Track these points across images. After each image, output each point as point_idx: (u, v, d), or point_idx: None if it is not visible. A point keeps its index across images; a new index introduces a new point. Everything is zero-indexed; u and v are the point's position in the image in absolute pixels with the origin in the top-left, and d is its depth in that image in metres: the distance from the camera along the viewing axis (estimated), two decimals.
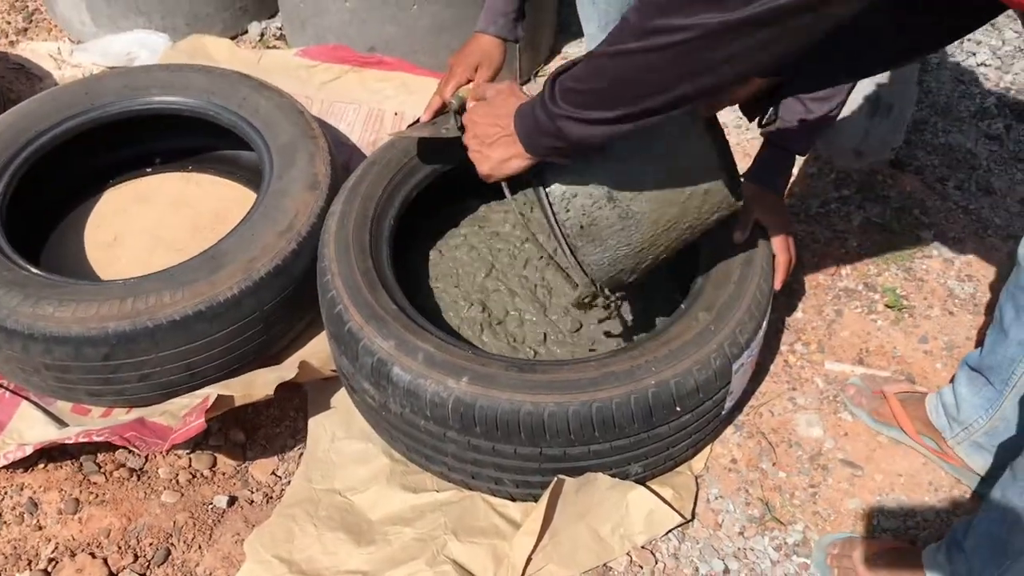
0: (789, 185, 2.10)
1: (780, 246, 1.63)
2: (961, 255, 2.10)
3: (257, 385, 1.70)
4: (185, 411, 1.66)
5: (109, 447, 1.77)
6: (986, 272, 2.06)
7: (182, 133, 2.27)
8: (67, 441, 1.66)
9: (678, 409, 1.52)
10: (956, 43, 2.62)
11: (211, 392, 1.64)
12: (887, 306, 2.01)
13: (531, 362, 1.54)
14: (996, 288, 2.02)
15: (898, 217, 2.18)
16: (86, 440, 1.63)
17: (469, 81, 1.77)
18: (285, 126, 2.02)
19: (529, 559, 1.57)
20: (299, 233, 1.82)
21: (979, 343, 1.91)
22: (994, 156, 2.31)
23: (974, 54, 2.57)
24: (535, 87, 2.67)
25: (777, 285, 1.61)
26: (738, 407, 1.84)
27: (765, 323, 1.64)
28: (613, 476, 1.60)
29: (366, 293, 1.62)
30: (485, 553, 1.59)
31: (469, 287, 1.89)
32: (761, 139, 1.73)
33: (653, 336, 1.58)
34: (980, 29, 2.63)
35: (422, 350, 1.52)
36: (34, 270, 1.77)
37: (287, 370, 1.74)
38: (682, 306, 1.68)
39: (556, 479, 1.55)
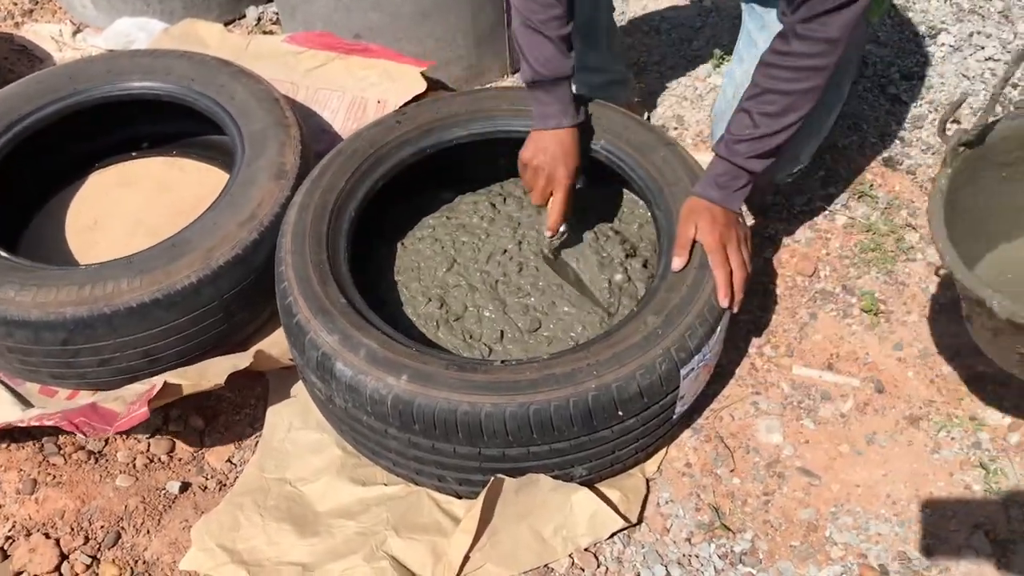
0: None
1: (715, 261, 1.58)
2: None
3: (210, 374, 1.72)
4: (134, 398, 1.68)
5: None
6: None
7: (169, 118, 2.27)
8: (20, 424, 1.69)
9: (620, 414, 1.50)
10: (964, 36, 2.53)
11: (158, 381, 1.65)
12: (863, 310, 1.95)
13: (473, 361, 1.53)
14: None
15: (885, 218, 2.12)
16: (38, 424, 1.66)
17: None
18: (259, 114, 2.02)
19: (467, 557, 1.57)
20: (261, 223, 1.82)
21: (957, 352, 1.85)
22: None
23: (982, 48, 2.47)
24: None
25: (720, 302, 1.57)
26: (697, 410, 1.81)
27: (721, 329, 1.61)
28: (556, 478, 1.59)
29: (316, 286, 1.62)
30: (424, 550, 1.59)
31: (429, 281, 1.88)
32: None
33: (599, 339, 1.56)
34: (992, 22, 2.55)
35: (365, 346, 1.52)
36: (2, 253, 1.80)
37: (242, 359, 1.75)
38: (634, 308, 1.66)
39: (494, 478, 1.54)
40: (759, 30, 1.79)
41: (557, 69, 1.71)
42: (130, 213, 2.18)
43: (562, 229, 1.84)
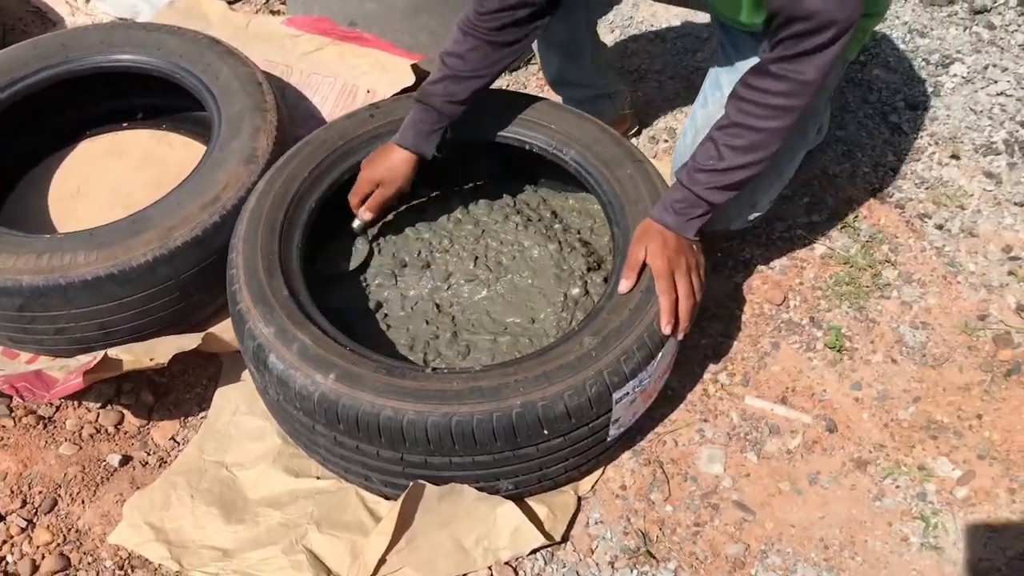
0: None
1: (661, 287, 1.55)
2: (921, 300, 1.97)
3: (156, 352, 1.74)
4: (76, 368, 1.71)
5: None
6: (944, 321, 1.93)
7: (163, 91, 2.29)
8: None
9: (546, 432, 1.49)
10: (979, 68, 2.44)
11: (99, 355, 1.68)
12: (827, 345, 1.91)
13: (403, 367, 1.53)
14: (951, 342, 1.90)
15: (864, 252, 2.06)
16: None
17: (369, 195, 1.83)
18: (239, 96, 2.03)
19: (384, 559, 1.57)
20: (224, 206, 1.83)
21: (917, 399, 1.81)
22: (987, 196, 2.15)
23: (995, 82, 2.39)
24: (524, 75, 2.62)
25: (663, 329, 1.54)
26: (641, 431, 1.79)
27: (663, 355, 1.58)
28: (481, 490, 1.58)
29: (261, 275, 1.63)
30: (343, 547, 1.60)
31: (383, 279, 1.88)
32: None
33: (533, 355, 1.54)
34: (1011, 55, 2.46)
35: (298, 341, 1.53)
36: None
37: (190, 340, 1.77)
38: (574, 327, 1.64)
39: (414, 483, 1.54)
40: (727, 72, 1.74)
41: (426, 95, 1.75)
42: (113, 184, 2.21)
43: (357, 223, 1.88)
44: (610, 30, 2.74)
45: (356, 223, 1.87)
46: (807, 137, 1.81)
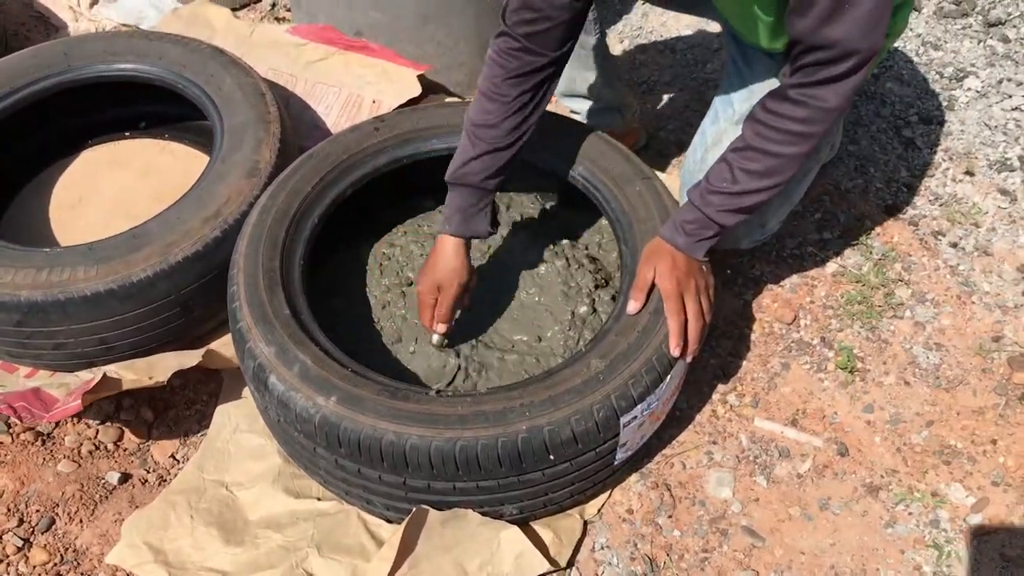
0: None
1: (670, 308, 1.52)
2: (935, 320, 1.94)
3: (156, 369, 1.71)
4: (79, 386, 1.68)
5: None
6: (958, 343, 1.90)
7: (166, 100, 2.27)
8: None
9: (552, 458, 1.46)
10: (993, 82, 2.41)
11: (98, 373, 1.65)
12: (839, 366, 1.87)
13: (406, 389, 1.49)
14: (965, 364, 1.86)
15: (877, 270, 2.03)
16: None
17: (434, 305, 1.69)
18: (243, 107, 2.00)
19: None
20: (226, 220, 1.80)
21: (930, 422, 1.77)
22: (1002, 214, 2.11)
23: (1010, 96, 2.35)
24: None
25: (672, 351, 1.51)
26: (648, 454, 1.75)
27: (672, 378, 1.55)
28: (485, 515, 1.55)
29: (262, 293, 1.60)
30: (344, 571, 1.57)
31: (389, 296, 1.85)
32: None
33: (538, 378, 1.51)
34: None
35: (299, 362, 1.49)
36: None
37: (190, 357, 1.74)
38: (581, 349, 1.61)
39: (417, 508, 1.51)
40: (739, 88, 1.71)
41: (461, 175, 1.64)
42: (114, 194, 2.19)
43: (435, 338, 1.72)
44: (619, 40, 2.71)
45: (434, 339, 1.72)
46: (819, 156, 1.78)
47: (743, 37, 1.64)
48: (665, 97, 2.52)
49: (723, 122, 1.74)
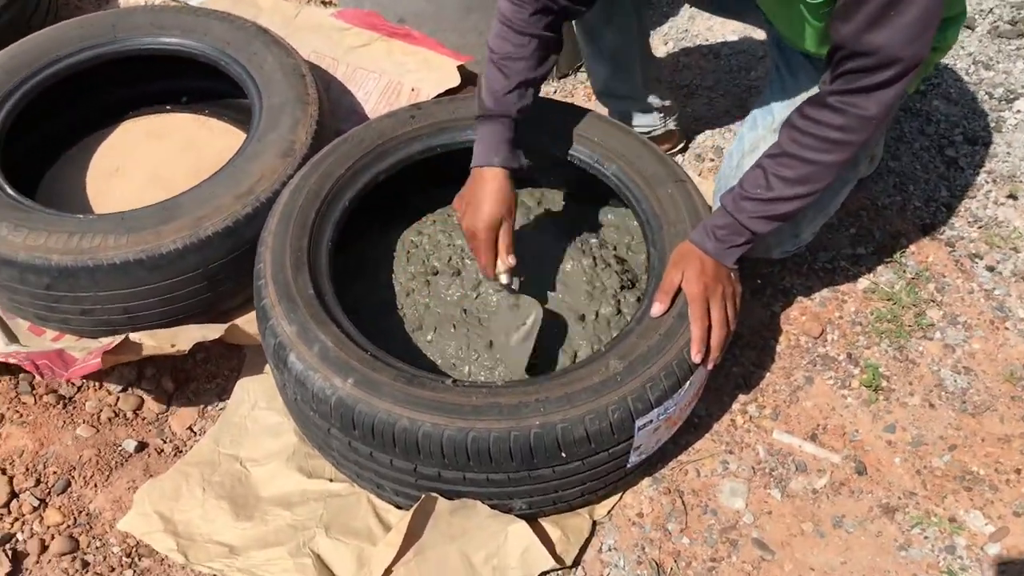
0: None
1: (694, 314, 1.50)
2: (965, 344, 1.90)
3: (179, 339, 1.72)
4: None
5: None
6: (988, 368, 1.86)
7: (210, 77, 2.28)
8: None
9: (563, 455, 1.45)
10: None
11: (121, 337, 1.67)
12: (863, 384, 1.84)
13: (423, 376, 1.49)
14: (993, 390, 1.82)
15: (910, 289, 1.99)
16: (2, 361, 1.70)
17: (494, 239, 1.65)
18: (282, 87, 2.01)
19: (390, 570, 1.54)
20: (258, 198, 1.82)
21: (953, 446, 1.74)
22: None
23: None
24: (572, 82, 2.58)
25: (693, 357, 1.49)
26: (663, 459, 1.74)
27: (691, 384, 1.53)
28: (494, 507, 1.55)
29: (288, 272, 1.61)
30: (350, 554, 1.58)
31: (404, 280, 1.85)
32: None
33: (556, 375, 1.50)
34: None
35: (319, 342, 1.50)
36: (9, 190, 1.84)
37: (213, 330, 1.76)
38: (601, 348, 1.60)
39: (426, 496, 1.51)
40: (780, 96, 1.68)
41: (500, 106, 1.64)
42: (151, 166, 2.21)
43: (504, 276, 1.67)
44: (663, 42, 2.69)
45: (503, 278, 1.67)
46: (857, 168, 1.75)
47: (789, 42, 1.62)
48: (706, 101, 2.49)
49: (761, 129, 1.72)
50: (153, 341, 1.70)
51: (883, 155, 2.22)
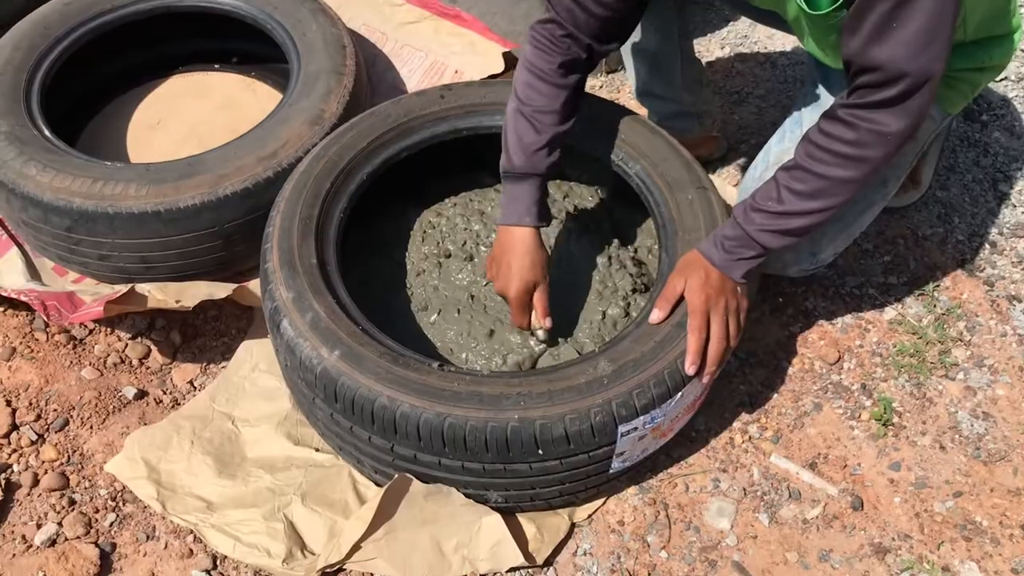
0: None
1: (693, 324, 1.46)
2: (989, 389, 1.81)
3: (186, 295, 1.75)
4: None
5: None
6: (1009, 416, 1.77)
7: (260, 40, 2.31)
8: (3, 294, 1.78)
9: (540, 452, 1.43)
10: None
11: (127, 287, 1.70)
12: (873, 417, 1.77)
13: (407, 356, 1.48)
14: (1011, 440, 1.74)
15: (937, 325, 1.91)
16: (15, 297, 1.74)
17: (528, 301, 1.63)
18: (321, 56, 2.02)
19: (359, 546, 1.54)
20: (280, 163, 1.83)
21: (958, 493, 1.66)
22: None
23: None
24: (620, 77, 2.53)
25: (686, 369, 1.45)
26: (653, 469, 1.70)
27: (683, 396, 1.49)
28: (469, 496, 1.53)
29: (294, 238, 1.61)
30: (323, 524, 1.58)
31: (416, 259, 1.84)
32: None
33: (542, 371, 1.48)
34: None
35: (312, 311, 1.50)
36: (46, 132, 1.89)
37: (220, 289, 1.78)
38: (594, 349, 1.56)
39: (400, 475, 1.50)
40: (811, 109, 1.62)
41: (532, 165, 1.60)
42: (192, 121, 2.25)
43: (540, 333, 1.67)
44: (720, 46, 2.62)
45: (540, 334, 1.67)
46: (886, 189, 1.68)
47: (820, 59, 1.56)
48: (756, 110, 2.43)
49: (788, 142, 1.66)
50: (160, 294, 1.73)
51: (930, 183, 2.13)
